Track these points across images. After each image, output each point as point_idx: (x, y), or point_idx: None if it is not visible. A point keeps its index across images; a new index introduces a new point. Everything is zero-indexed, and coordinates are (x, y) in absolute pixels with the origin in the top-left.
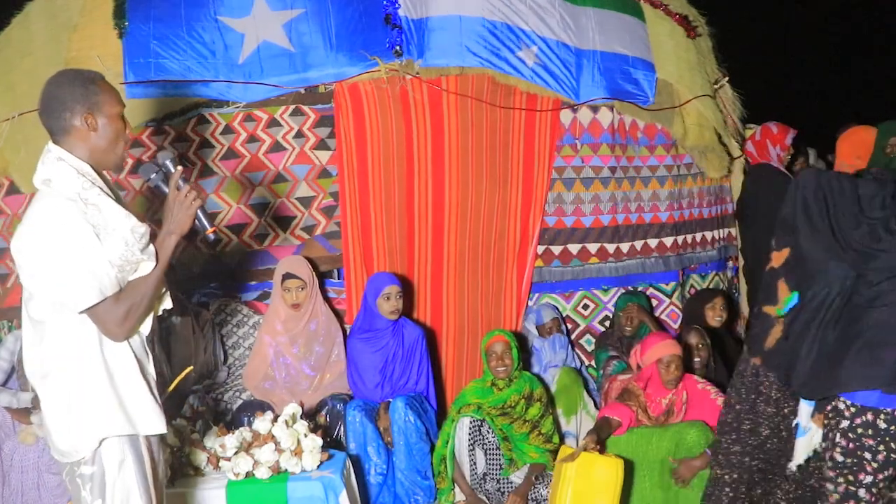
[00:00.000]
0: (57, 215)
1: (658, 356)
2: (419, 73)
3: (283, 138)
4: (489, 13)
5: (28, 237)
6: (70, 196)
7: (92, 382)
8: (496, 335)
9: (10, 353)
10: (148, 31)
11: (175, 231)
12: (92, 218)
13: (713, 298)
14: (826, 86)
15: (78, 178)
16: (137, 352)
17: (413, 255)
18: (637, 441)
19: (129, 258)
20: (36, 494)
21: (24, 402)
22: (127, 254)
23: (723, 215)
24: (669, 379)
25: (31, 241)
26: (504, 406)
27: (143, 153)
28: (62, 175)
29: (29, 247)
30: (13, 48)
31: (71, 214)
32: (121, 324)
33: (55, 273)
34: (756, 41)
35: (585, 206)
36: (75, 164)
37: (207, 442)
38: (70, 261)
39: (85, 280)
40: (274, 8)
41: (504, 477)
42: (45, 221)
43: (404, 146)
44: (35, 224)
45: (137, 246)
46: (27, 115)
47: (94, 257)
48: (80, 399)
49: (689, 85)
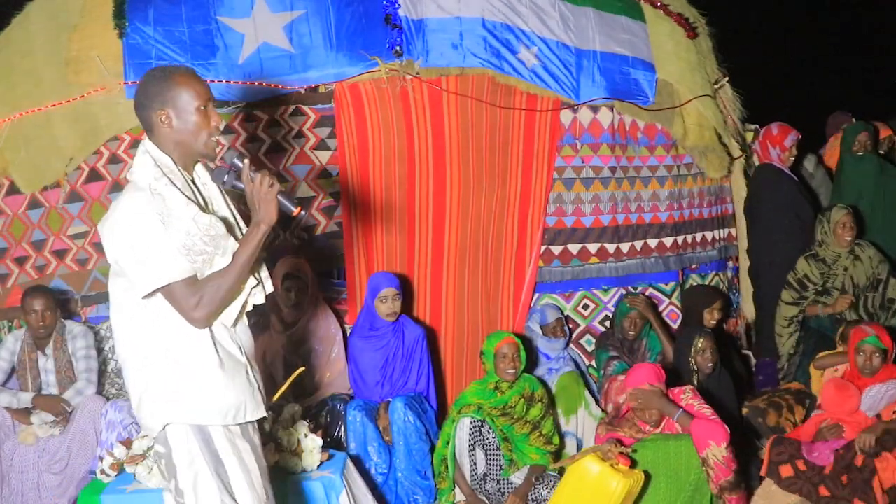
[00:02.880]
0: (128, 204)
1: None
2: (419, 74)
3: (284, 138)
4: (489, 14)
5: (107, 226)
6: (142, 186)
7: (159, 369)
8: (505, 337)
9: (11, 353)
10: (148, 31)
11: (262, 221)
12: (157, 207)
13: (713, 302)
14: (826, 86)
15: (153, 170)
16: (222, 342)
17: (413, 255)
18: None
19: (192, 247)
20: (36, 494)
21: (24, 403)
22: (189, 243)
23: (723, 215)
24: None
25: (109, 229)
26: (505, 407)
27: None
28: (140, 166)
29: (107, 234)
30: (13, 48)
31: (139, 203)
32: (194, 309)
33: (125, 259)
34: (756, 41)
35: (585, 206)
36: (157, 155)
37: None
38: (136, 247)
39: (147, 266)
40: (274, 10)
41: (504, 478)
42: (118, 210)
43: (405, 146)
44: (112, 213)
45: (200, 236)
46: (27, 116)
47: (158, 245)
48: (149, 383)
49: (689, 85)
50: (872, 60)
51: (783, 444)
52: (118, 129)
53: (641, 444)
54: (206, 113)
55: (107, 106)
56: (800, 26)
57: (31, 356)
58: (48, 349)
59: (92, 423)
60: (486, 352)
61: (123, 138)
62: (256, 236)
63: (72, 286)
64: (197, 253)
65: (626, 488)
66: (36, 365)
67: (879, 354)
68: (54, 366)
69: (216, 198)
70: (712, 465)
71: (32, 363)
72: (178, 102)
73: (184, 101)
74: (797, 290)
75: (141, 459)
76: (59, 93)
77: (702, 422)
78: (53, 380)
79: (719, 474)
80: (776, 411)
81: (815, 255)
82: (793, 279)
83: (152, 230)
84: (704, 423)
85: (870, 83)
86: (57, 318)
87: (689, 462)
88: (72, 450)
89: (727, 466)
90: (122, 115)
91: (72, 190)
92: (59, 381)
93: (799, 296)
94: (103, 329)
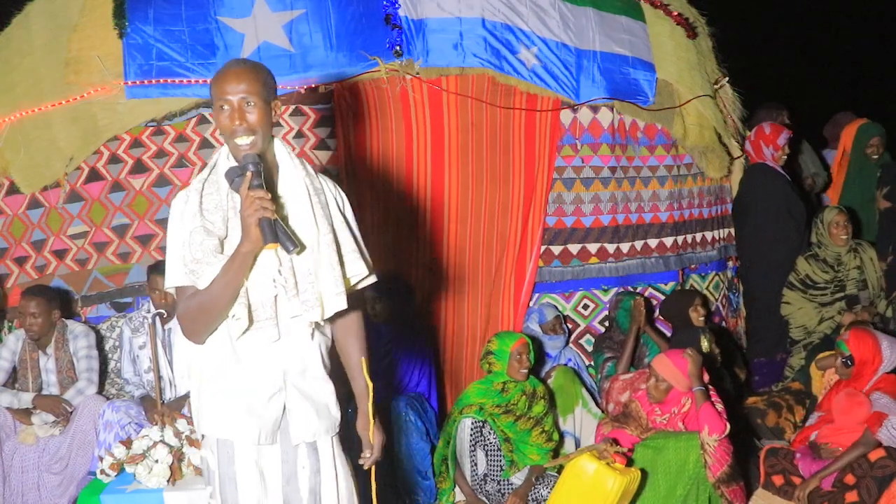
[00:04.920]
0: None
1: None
2: (419, 74)
3: (284, 138)
4: (489, 14)
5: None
6: (192, 184)
7: (195, 379)
8: (520, 337)
9: (12, 352)
10: (148, 32)
11: (242, 244)
12: (180, 207)
13: (692, 300)
14: (826, 85)
15: (206, 169)
16: (220, 358)
17: (413, 254)
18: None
19: (188, 254)
20: (36, 495)
21: (24, 403)
22: (185, 254)
23: (723, 215)
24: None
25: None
26: (508, 405)
27: (142, 153)
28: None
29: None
30: (13, 48)
31: (177, 200)
32: (181, 320)
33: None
34: (756, 41)
35: (585, 206)
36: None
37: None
38: (168, 243)
39: (168, 263)
40: (274, 9)
41: (505, 478)
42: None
43: (404, 146)
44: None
45: (190, 251)
46: (27, 116)
47: (180, 244)
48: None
49: (689, 85)
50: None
51: (777, 455)
52: (118, 129)
53: (642, 444)
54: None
55: (107, 106)
56: (800, 26)
57: (33, 356)
58: (49, 349)
59: (92, 424)
60: (498, 351)
61: (123, 138)
62: (234, 261)
63: (72, 286)
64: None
65: (622, 486)
66: (37, 364)
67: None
68: (55, 365)
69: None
70: (708, 452)
71: (34, 363)
72: (214, 102)
73: (214, 99)
74: (802, 289)
75: (141, 459)
76: (58, 93)
77: (710, 408)
78: (54, 379)
79: (716, 465)
80: (776, 411)
81: (816, 256)
82: (795, 279)
83: (177, 230)
84: (712, 411)
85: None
86: (50, 322)
87: (688, 456)
88: (72, 450)
89: (721, 457)
90: (122, 115)
91: (72, 190)
92: (59, 380)
93: (807, 295)
94: (103, 329)
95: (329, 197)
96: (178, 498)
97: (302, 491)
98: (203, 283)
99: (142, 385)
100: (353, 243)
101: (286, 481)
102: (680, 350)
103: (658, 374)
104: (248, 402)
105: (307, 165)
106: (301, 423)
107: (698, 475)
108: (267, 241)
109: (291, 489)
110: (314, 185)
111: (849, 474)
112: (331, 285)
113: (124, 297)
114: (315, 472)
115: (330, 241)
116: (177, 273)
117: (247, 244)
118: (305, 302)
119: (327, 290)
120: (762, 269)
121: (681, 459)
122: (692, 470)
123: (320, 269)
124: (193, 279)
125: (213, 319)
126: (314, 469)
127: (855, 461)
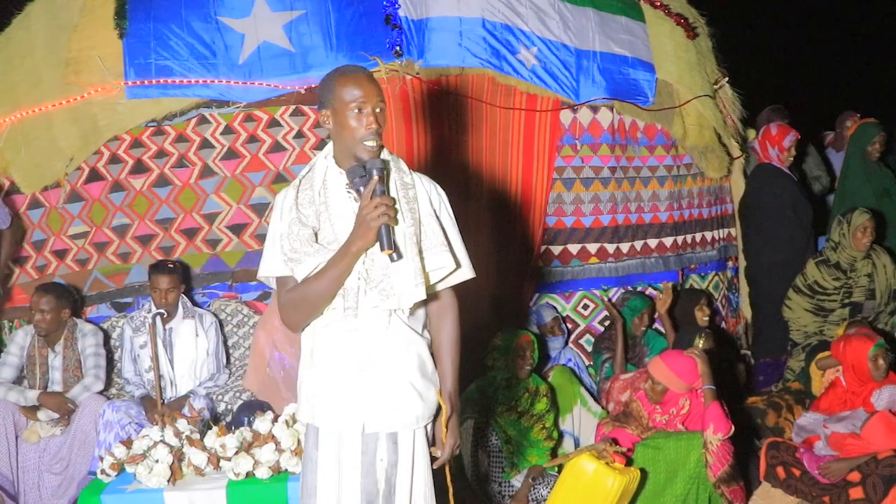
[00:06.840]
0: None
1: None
2: (419, 74)
3: (284, 138)
4: (489, 14)
5: None
6: (294, 182)
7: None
8: (524, 334)
9: (20, 347)
10: (148, 32)
11: (353, 243)
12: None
13: (699, 300)
14: (826, 85)
15: (306, 169)
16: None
17: None
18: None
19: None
20: (36, 495)
21: (31, 400)
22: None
23: (723, 215)
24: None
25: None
26: (510, 402)
27: (142, 153)
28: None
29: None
30: (13, 48)
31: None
32: (281, 310)
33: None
34: (756, 41)
35: (585, 206)
36: (324, 154)
37: (207, 442)
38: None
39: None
40: (274, 9)
41: (506, 480)
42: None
43: (404, 146)
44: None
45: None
46: (27, 116)
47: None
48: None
49: (689, 85)
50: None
51: (778, 448)
52: (118, 129)
53: (643, 443)
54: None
55: (107, 106)
56: (800, 26)
57: (42, 352)
58: (58, 346)
59: (93, 423)
60: (501, 347)
61: (123, 138)
62: (345, 257)
63: (72, 286)
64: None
65: (621, 486)
66: (46, 361)
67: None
68: (62, 363)
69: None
70: (710, 450)
71: (42, 359)
72: (334, 103)
73: (336, 101)
74: (808, 294)
75: (141, 459)
76: (59, 93)
77: (718, 408)
78: (59, 377)
79: (717, 464)
80: (776, 411)
81: (827, 261)
82: (802, 284)
83: (276, 224)
84: (719, 411)
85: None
86: (59, 320)
87: (689, 456)
88: (73, 450)
89: (722, 457)
90: (122, 115)
91: (72, 190)
92: (65, 378)
93: (813, 300)
94: (107, 327)
95: (421, 192)
96: (178, 498)
97: (379, 483)
98: (301, 272)
99: (142, 385)
100: (440, 236)
101: (364, 473)
102: (679, 350)
103: (653, 377)
104: (329, 390)
105: (400, 162)
106: (379, 415)
107: (699, 474)
108: (383, 247)
109: (369, 481)
110: (403, 180)
111: (854, 471)
112: (409, 276)
113: (125, 297)
114: (392, 464)
115: (412, 233)
116: (275, 263)
117: (360, 243)
118: (382, 291)
119: (406, 281)
120: (767, 269)
121: (681, 459)
122: (693, 469)
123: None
124: (292, 267)
125: (316, 310)
126: (391, 462)
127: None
